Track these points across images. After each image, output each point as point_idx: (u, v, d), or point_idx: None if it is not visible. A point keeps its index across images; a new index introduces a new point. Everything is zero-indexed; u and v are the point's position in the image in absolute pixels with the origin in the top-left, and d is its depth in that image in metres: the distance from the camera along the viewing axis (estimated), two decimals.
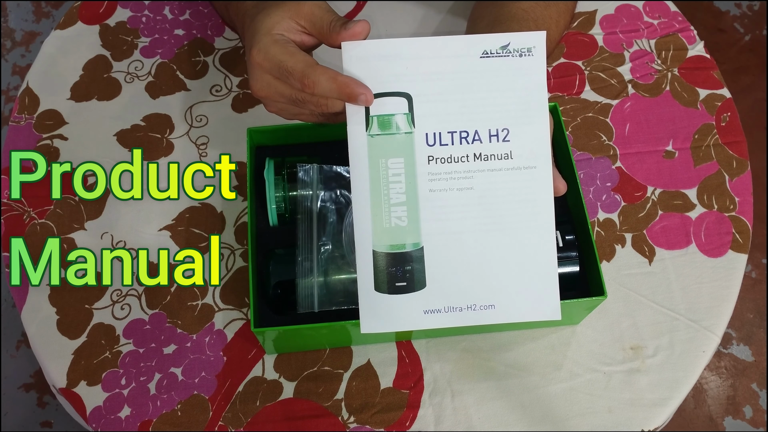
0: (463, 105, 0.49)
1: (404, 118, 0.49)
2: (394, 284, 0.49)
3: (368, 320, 0.49)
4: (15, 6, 1.69)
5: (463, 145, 0.49)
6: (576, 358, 0.66)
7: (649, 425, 0.64)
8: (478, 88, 0.50)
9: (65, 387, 0.65)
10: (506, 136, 0.49)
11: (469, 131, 0.49)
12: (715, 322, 0.68)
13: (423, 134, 0.49)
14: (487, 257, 0.49)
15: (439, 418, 0.64)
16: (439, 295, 0.49)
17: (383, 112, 0.49)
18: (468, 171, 0.49)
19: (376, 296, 0.49)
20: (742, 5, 1.72)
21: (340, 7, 0.85)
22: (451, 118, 0.49)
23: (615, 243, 0.72)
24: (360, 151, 0.49)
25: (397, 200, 0.48)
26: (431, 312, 0.49)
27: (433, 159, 0.49)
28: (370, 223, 0.49)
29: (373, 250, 0.49)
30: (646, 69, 0.81)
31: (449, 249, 0.49)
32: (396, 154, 0.49)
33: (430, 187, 0.49)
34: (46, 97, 0.79)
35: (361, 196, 0.49)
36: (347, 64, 0.50)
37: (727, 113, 0.79)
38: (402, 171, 0.49)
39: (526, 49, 0.50)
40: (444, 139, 0.49)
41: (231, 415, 0.64)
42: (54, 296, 0.69)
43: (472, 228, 0.49)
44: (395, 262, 0.48)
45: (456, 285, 0.49)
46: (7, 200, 0.73)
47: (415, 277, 0.48)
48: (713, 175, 0.75)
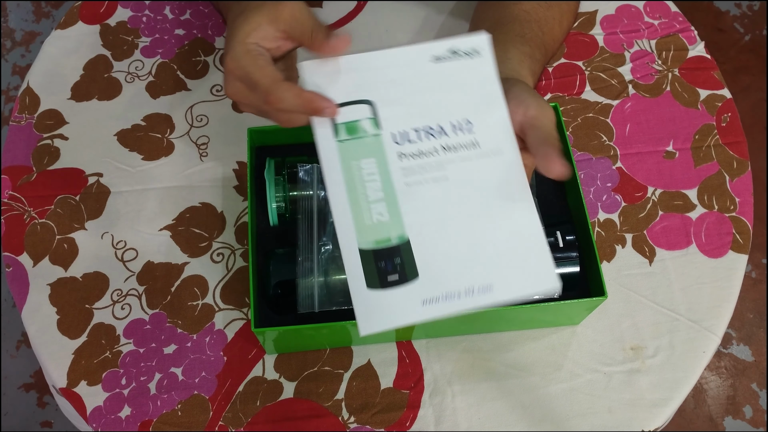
0: (424, 105, 0.52)
1: (369, 122, 0.52)
2: (387, 278, 0.49)
3: (365, 321, 0.48)
4: (15, 6, 1.69)
5: (430, 140, 0.51)
6: (576, 359, 0.66)
7: (650, 425, 0.64)
8: (435, 89, 0.52)
9: (65, 387, 0.65)
10: (470, 128, 0.52)
11: (433, 126, 0.52)
12: (715, 322, 0.68)
13: (390, 134, 0.51)
14: (475, 240, 0.50)
15: (440, 419, 0.64)
16: (434, 284, 0.49)
17: (349, 119, 0.51)
18: (440, 163, 0.51)
19: (370, 294, 0.48)
20: (742, 5, 1.72)
21: (340, 8, 0.85)
22: (414, 117, 0.52)
23: (615, 243, 0.72)
24: (331, 157, 0.51)
25: (376, 197, 0.50)
26: (430, 302, 0.48)
27: (404, 155, 0.51)
28: (352, 223, 0.49)
29: (360, 248, 0.49)
30: (647, 69, 0.81)
31: (436, 237, 0.50)
32: (367, 155, 0.51)
33: (406, 182, 0.50)
34: (46, 96, 0.79)
35: (339, 199, 0.50)
36: (308, 80, 0.52)
37: (728, 114, 0.79)
38: (376, 170, 0.51)
39: (473, 50, 0.53)
40: (411, 136, 0.51)
41: (231, 415, 0.64)
42: (54, 296, 0.69)
43: (454, 215, 0.50)
44: (384, 256, 0.49)
45: (449, 271, 0.49)
46: (7, 200, 0.73)
47: (407, 268, 0.49)
48: (714, 176, 0.75)
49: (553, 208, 0.69)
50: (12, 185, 0.74)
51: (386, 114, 0.52)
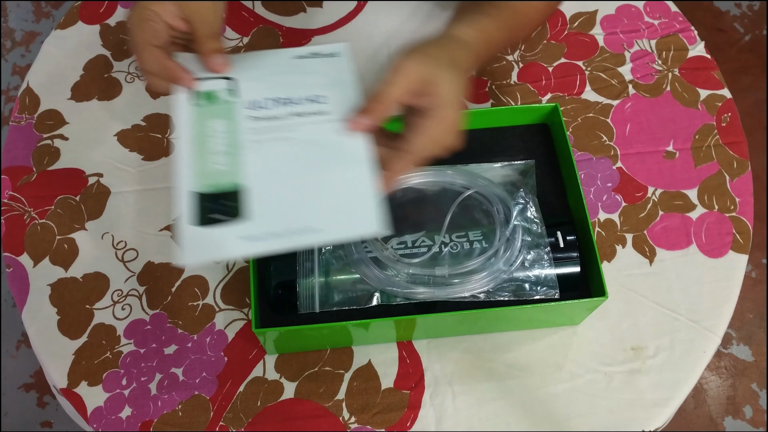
0: (282, 82, 0.59)
1: (227, 92, 0.58)
2: (209, 217, 0.53)
3: (187, 253, 0.52)
4: (15, 6, 1.69)
5: (283, 108, 0.58)
6: (577, 359, 0.66)
7: (650, 425, 0.64)
8: (295, 73, 0.60)
9: (66, 387, 0.65)
10: (322, 100, 0.58)
11: (287, 97, 0.58)
12: (715, 322, 0.68)
13: (246, 102, 0.58)
14: (308, 190, 0.55)
15: (440, 419, 0.64)
16: (260, 224, 0.53)
17: (208, 89, 0.58)
18: (289, 126, 0.57)
19: (194, 230, 0.53)
20: (742, 5, 1.72)
21: (341, 8, 0.85)
22: (273, 90, 0.59)
23: (616, 243, 0.72)
24: (183, 116, 0.57)
25: (217, 150, 0.56)
26: (251, 239, 0.52)
27: (256, 119, 0.57)
28: (189, 169, 0.55)
29: (191, 190, 0.54)
30: (647, 69, 0.81)
31: (273, 186, 0.55)
32: (219, 117, 0.58)
33: (253, 139, 0.56)
34: (46, 96, 0.79)
35: (182, 150, 0.56)
36: (182, 57, 0.58)
37: (728, 114, 0.79)
38: (224, 129, 0.57)
39: (332, 54, 0.61)
40: (266, 104, 0.58)
41: (232, 416, 0.64)
42: (55, 296, 0.69)
43: (294, 167, 0.56)
44: (212, 199, 0.54)
45: (279, 214, 0.53)
46: (7, 200, 0.73)
47: (231, 210, 0.54)
48: (714, 176, 0.75)
49: (554, 208, 0.69)
50: (12, 185, 0.74)
51: (245, 87, 0.58)
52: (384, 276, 0.60)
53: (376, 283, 0.60)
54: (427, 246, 0.62)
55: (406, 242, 0.62)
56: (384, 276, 0.60)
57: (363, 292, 0.61)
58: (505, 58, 0.82)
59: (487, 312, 0.60)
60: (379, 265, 0.60)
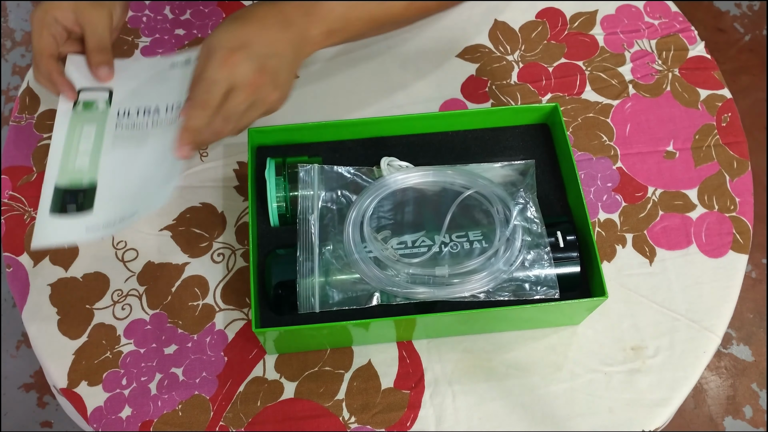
0: (151, 94, 0.68)
1: (104, 102, 0.68)
2: (65, 207, 0.63)
3: (40, 238, 0.62)
4: (15, 6, 1.69)
5: (145, 117, 0.67)
6: (577, 359, 0.66)
7: (650, 425, 0.64)
8: (164, 83, 0.68)
9: (66, 387, 0.65)
10: (176, 109, 0.65)
11: (151, 108, 0.67)
12: (715, 322, 0.68)
13: (116, 111, 0.68)
14: (142, 183, 0.64)
15: (440, 419, 0.64)
16: (100, 215, 0.63)
17: (89, 98, 0.68)
18: (144, 133, 0.66)
19: (51, 218, 0.63)
20: (742, 5, 1.72)
21: None
22: (141, 100, 0.68)
23: (616, 243, 0.72)
24: (62, 121, 0.67)
25: (84, 150, 0.66)
26: (92, 228, 0.62)
27: (120, 126, 0.67)
28: (58, 166, 0.65)
29: (56, 185, 0.64)
30: (647, 69, 0.81)
31: (117, 182, 0.64)
32: (91, 122, 0.67)
33: (114, 144, 0.66)
34: (46, 96, 0.79)
35: (55, 150, 0.66)
36: (69, 68, 0.68)
37: (728, 114, 0.79)
38: (93, 133, 0.67)
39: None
40: (131, 112, 0.67)
41: (232, 416, 0.64)
42: (55, 296, 0.69)
43: (138, 166, 0.65)
44: (70, 192, 0.64)
45: (116, 206, 0.63)
46: (7, 200, 0.73)
47: (85, 203, 0.63)
48: (714, 176, 0.75)
49: (554, 208, 0.69)
50: (12, 185, 0.74)
51: (118, 97, 0.68)
52: (384, 276, 0.60)
53: (376, 283, 0.60)
54: (427, 246, 0.62)
55: (406, 242, 0.62)
56: (384, 276, 0.60)
57: (363, 292, 0.61)
58: (505, 58, 0.82)
59: (486, 312, 0.60)
60: (379, 265, 0.60)
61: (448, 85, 0.80)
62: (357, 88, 0.80)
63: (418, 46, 0.82)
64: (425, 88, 0.80)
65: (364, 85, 0.80)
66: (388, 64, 0.81)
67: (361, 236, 0.62)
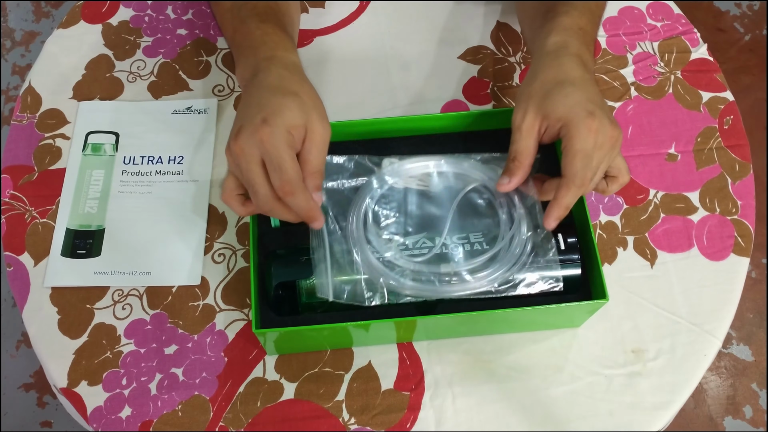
0: (156, 141, 0.75)
1: (111, 146, 0.74)
2: (76, 251, 0.69)
3: (52, 277, 0.68)
4: (15, 6, 1.69)
5: (149, 165, 0.73)
6: (577, 361, 0.66)
7: (650, 428, 0.64)
8: (167, 131, 0.75)
9: (66, 387, 0.65)
10: (181, 161, 0.74)
11: (155, 156, 0.74)
12: (716, 325, 0.68)
13: (122, 156, 0.74)
14: (151, 238, 0.70)
15: (440, 420, 0.64)
16: (108, 262, 0.69)
17: (97, 141, 0.75)
18: (150, 181, 0.73)
19: (62, 260, 0.69)
20: (742, 5, 1.72)
21: (343, 8, 0.85)
22: (145, 148, 0.74)
23: (617, 246, 0.72)
24: (74, 163, 0.74)
25: (93, 196, 0.72)
26: (101, 273, 0.68)
27: (126, 172, 0.73)
28: (69, 210, 0.71)
29: (67, 227, 0.70)
30: (649, 71, 0.81)
31: (124, 231, 0.70)
32: (99, 167, 0.73)
33: (120, 190, 0.72)
34: (48, 96, 0.79)
35: (67, 192, 0.72)
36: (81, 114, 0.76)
37: (730, 116, 0.79)
38: (101, 178, 0.73)
39: (203, 109, 0.77)
40: (137, 160, 0.74)
41: (232, 416, 0.64)
42: (55, 296, 0.69)
43: (145, 218, 0.71)
44: (80, 236, 0.70)
45: (124, 256, 0.69)
46: (8, 200, 0.73)
47: (94, 248, 0.69)
48: (716, 179, 0.75)
49: None
50: (13, 185, 0.74)
51: (126, 143, 0.75)
52: (386, 275, 0.60)
53: (377, 283, 0.60)
54: (429, 246, 0.62)
55: (408, 242, 0.62)
56: (386, 275, 0.60)
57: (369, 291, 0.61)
58: (507, 59, 0.82)
59: (487, 314, 0.60)
60: (384, 264, 0.60)
61: (450, 87, 0.80)
62: (358, 89, 0.80)
63: (419, 47, 0.82)
64: (427, 90, 0.80)
65: (365, 86, 0.80)
66: (390, 65, 0.81)
67: (365, 233, 0.61)
